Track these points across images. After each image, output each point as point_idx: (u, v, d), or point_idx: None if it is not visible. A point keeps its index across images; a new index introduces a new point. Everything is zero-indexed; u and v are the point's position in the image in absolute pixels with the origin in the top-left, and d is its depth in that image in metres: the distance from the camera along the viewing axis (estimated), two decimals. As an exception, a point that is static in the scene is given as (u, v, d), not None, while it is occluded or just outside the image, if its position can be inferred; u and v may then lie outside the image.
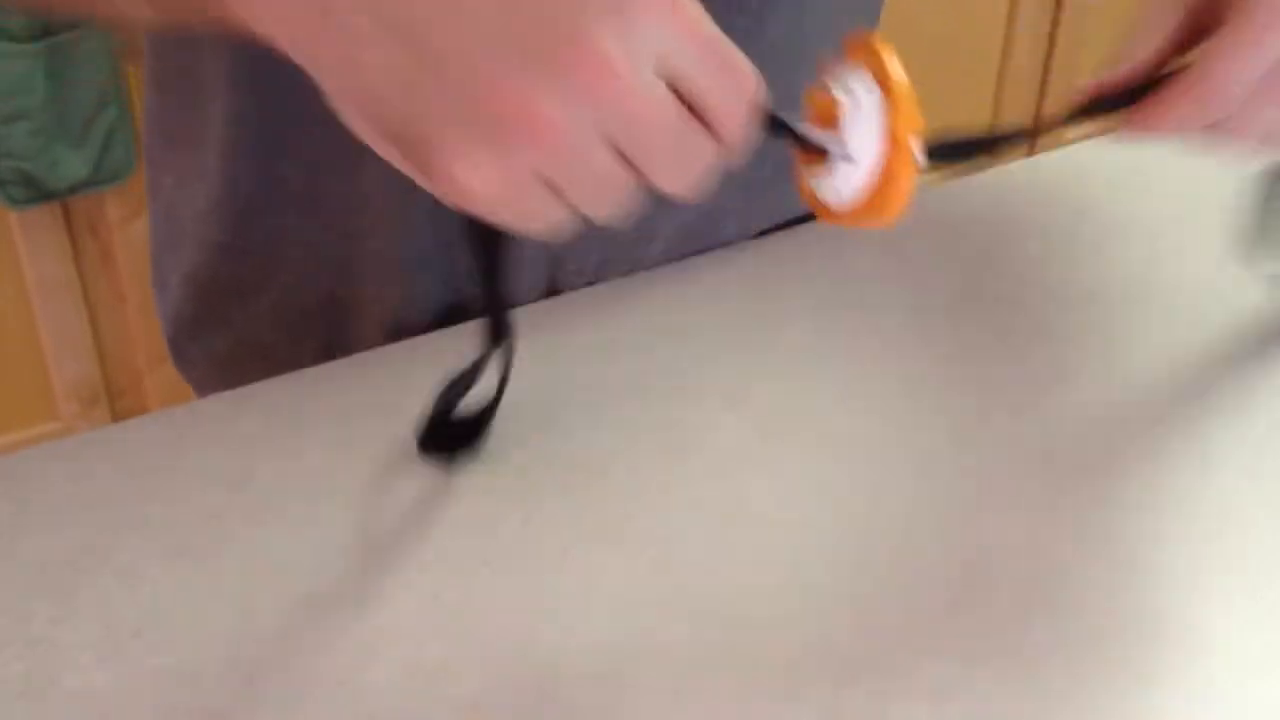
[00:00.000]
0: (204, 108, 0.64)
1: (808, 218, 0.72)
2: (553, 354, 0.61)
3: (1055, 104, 2.25)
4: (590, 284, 0.68)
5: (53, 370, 1.66)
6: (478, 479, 0.54)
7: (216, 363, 0.73)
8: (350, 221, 0.65)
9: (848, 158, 0.38)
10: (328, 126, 0.41)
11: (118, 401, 1.72)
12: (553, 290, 0.67)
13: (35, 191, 1.54)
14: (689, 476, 0.54)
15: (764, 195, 0.70)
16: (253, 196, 0.66)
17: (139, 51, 0.68)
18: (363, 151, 0.40)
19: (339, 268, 0.67)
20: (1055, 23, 2.18)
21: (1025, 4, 2.15)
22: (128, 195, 1.63)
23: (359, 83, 0.38)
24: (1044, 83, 2.24)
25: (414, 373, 0.58)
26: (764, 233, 0.73)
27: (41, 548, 0.51)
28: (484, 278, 0.48)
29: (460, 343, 0.53)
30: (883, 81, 0.38)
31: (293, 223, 0.66)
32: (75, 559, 0.51)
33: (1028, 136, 0.48)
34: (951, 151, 0.42)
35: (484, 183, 0.38)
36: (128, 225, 1.64)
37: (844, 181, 0.39)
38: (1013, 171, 0.76)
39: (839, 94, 0.39)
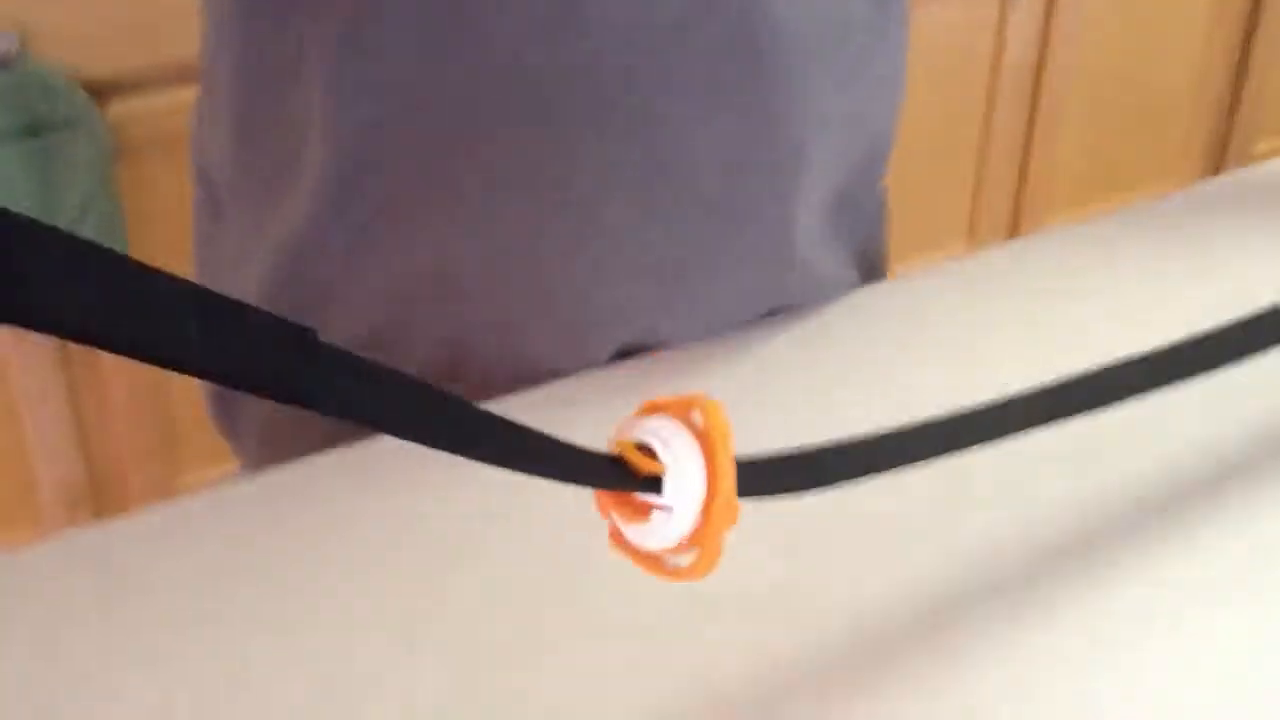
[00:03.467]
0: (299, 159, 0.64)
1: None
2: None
3: (1034, 192, 2.28)
4: None
5: (39, 471, 1.64)
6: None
7: (270, 425, 0.72)
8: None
9: (669, 512, 0.37)
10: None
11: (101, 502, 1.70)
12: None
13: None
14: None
15: None
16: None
17: (129, 150, 0.68)
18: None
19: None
20: (1032, 115, 2.21)
21: (1001, 99, 2.18)
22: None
23: None
24: (1024, 168, 2.26)
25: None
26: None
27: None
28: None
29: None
30: (703, 440, 0.37)
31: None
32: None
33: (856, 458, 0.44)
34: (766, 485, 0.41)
35: None
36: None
37: (663, 533, 0.38)
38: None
39: (658, 447, 0.38)
